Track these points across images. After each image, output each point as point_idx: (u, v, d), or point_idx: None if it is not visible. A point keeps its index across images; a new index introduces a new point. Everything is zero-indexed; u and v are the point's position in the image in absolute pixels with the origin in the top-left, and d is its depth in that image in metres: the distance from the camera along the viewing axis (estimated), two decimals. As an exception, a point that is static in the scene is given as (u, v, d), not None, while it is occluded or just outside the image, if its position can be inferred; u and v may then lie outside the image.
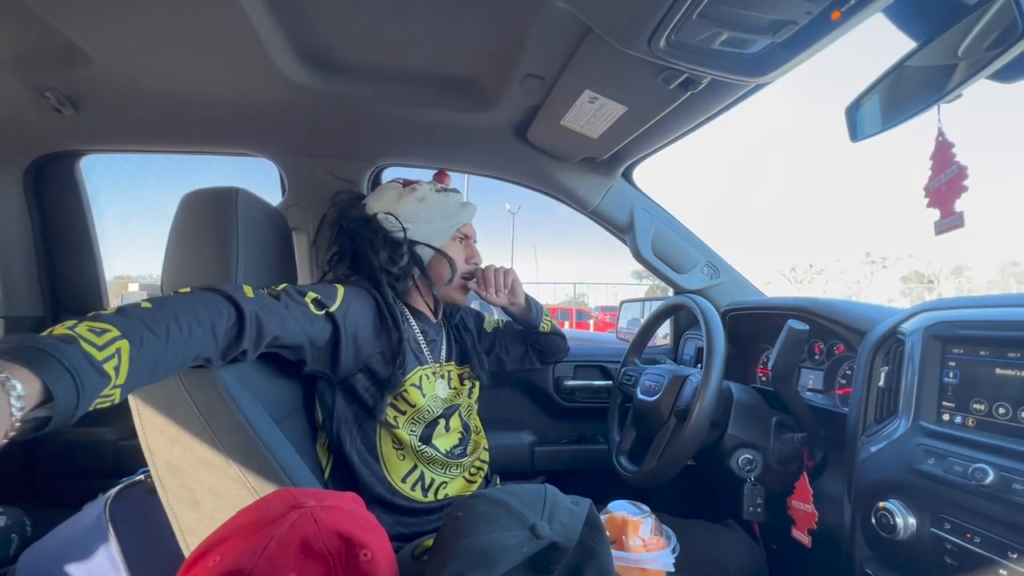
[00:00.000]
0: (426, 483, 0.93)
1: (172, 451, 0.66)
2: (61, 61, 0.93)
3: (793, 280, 28.66)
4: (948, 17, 0.60)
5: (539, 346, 1.22)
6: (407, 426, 0.93)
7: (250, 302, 0.68)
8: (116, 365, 0.49)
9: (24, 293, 1.32)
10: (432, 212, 1.00)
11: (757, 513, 0.90)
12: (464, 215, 1.04)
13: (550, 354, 1.23)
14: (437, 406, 0.96)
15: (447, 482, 0.95)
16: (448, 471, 0.96)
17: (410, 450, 0.92)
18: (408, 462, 0.92)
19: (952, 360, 0.69)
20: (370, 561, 0.48)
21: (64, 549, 0.83)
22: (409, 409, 0.93)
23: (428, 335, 1.01)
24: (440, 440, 0.97)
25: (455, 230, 1.02)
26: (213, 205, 0.80)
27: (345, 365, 0.86)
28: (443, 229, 1.01)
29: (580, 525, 0.53)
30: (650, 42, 0.71)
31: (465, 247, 1.06)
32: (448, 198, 1.02)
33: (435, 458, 0.94)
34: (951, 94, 0.63)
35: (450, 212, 1.02)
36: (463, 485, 0.98)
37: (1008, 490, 0.57)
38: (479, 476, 1.03)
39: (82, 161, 1.36)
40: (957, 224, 0.63)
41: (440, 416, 0.97)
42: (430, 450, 0.93)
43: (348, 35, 0.90)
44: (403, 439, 0.91)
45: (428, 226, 0.99)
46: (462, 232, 1.04)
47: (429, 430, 0.95)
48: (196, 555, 0.48)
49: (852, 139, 0.79)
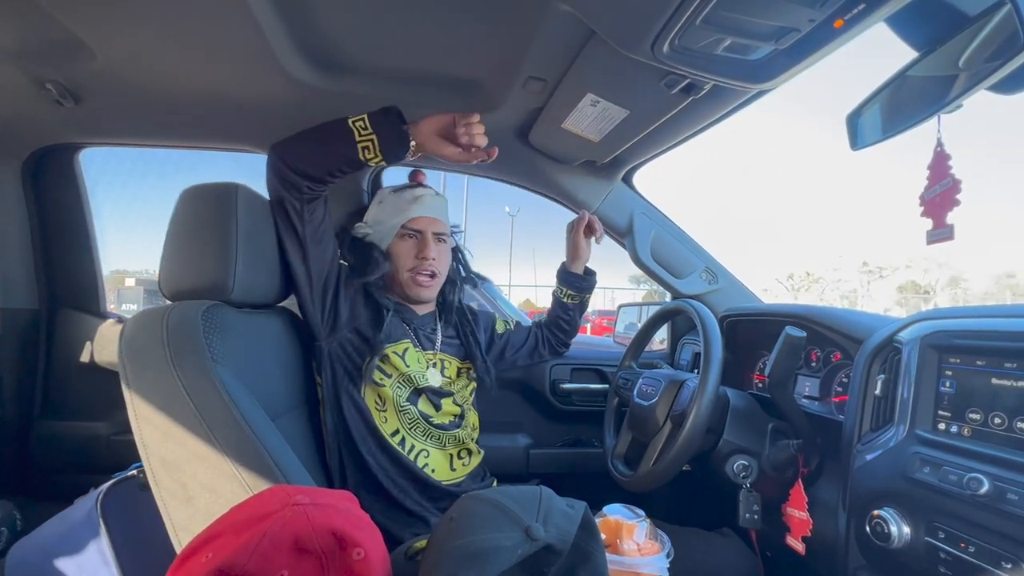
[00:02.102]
0: (407, 446, 0.96)
1: (166, 446, 0.66)
2: (64, 54, 0.93)
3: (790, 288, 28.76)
4: (950, 27, 0.61)
5: (566, 324, 1.27)
6: (394, 387, 0.97)
7: None
8: None
9: (20, 285, 1.31)
10: (385, 212, 1.04)
11: (753, 520, 0.90)
12: (415, 209, 1.03)
13: (570, 335, 1.29)
14: (422, 380, 1.00)
15: (428, 451, 0.98)
16: (429, 439, 0.99)
17: (392, 408, 0.96)
18: (391, 424, 0.96)
19: (948, 369, 0.70)
20: (363, 560, 0.47)
21: (54, 544, 0.83)
22: (394, 372, 0.97)
23: (413, 324, 1.05)
24: (426, 407, 1.00)
25: (400, 227, 1.03)
26: (213, 200, 0.80)
27: (342, 317, 0.97)
28: (391, 228, 1.03)
29: (575, 528, 0.53)
30: (653, 47, 0.71)
31: (417, 243, 1.03)
32: (402, 195, 1.04)
33: (417, 421, 0.98)
34: (951, 104, 0.63)
35: (399, 210, 1.03)
36: (446, 467, 1.00)
37: (1002, 500, 0.57)
38: (464, 468, 1.03)
39: (81, 154, 1.36)
40: (947, 237, 0.63)
41: (426, 390, 1.00)
42: (413, 409, 0.97)
43: (352, 34, 0.90)
44: (386, 396, 0.96)
45: (380, 226, 1.04)
46: (411, 227, 1.03)
47: (415, 397, 0.99)
48: (188, 551, 0.47)
49: (853, 147, 0.80)
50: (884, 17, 0.61)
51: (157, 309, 0.74)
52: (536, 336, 1.27)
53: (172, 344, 0.69)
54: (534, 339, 1.27)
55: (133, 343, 0.70)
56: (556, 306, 1.28)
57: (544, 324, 1.29)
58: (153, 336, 0.70)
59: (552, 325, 1.28)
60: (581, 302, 1.27)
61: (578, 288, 1.24)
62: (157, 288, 0.82)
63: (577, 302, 1.26)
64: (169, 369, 0.67)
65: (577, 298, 1.26)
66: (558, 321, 1.27)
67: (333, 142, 0.87)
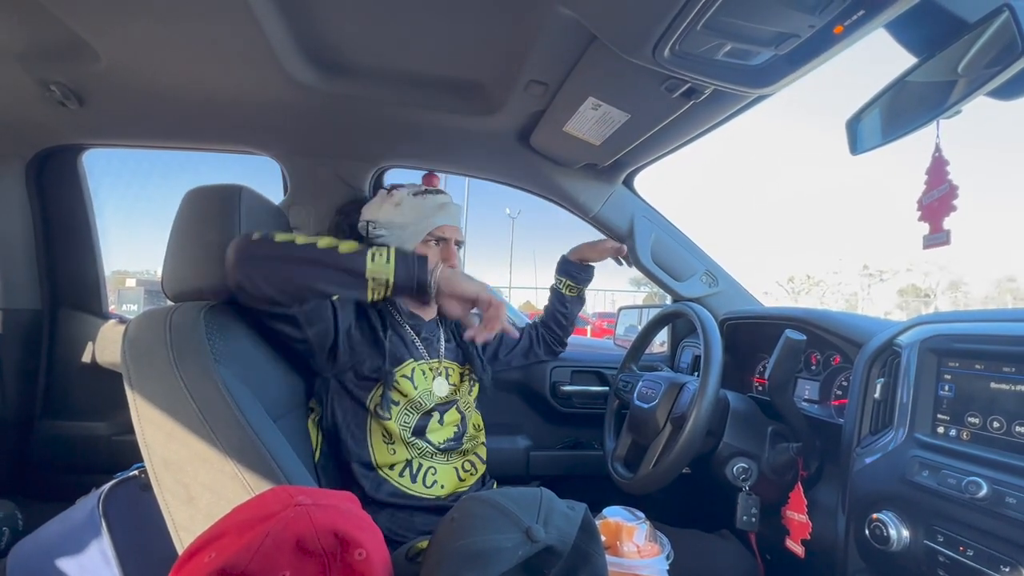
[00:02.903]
0: (414, 469, 0.94)
1: (169, 447, 0.66)
2: (68, 56, 0.94)
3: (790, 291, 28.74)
4: (949, 34, 0.61)
5: (564, 319, 1.27)
6: (400, 417, 0.94)
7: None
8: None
9: (23, 285, 1.32)
10: (406, 216, 1.00)
11: (751, 523, 0.90)
12: (441, 217, 1.01)
13: (567, 332, 1.29)
14: (430, 399, 0.98)
15: (436, 468, 0.97)
16: (436, 458, 0.98)
17: (400, 442, 0.94)
18: (399, 456, 0.94)
19: (948, 373, 0.70)
20: (365, 560, 0.47)
21: (56, 544, 0.83)
22: (402, 399, 0.95)
23: (422, 332, 1.02)
24: (434, 434, 0.98)
25: (427, 233, 1.00)
26: (216, 202, 0.81)
27: (342, 359, 0.91)
28: (414, 233, 1.00)
29: (575, 529, 0.53)
30: (654, 51, 0.71)
31: (442, 249, 1.02)
32: (425, 201, 1.01)
33: (426, 450, 0.96)
34: (951, 110, 0.64)
35: (424, 215, 1.00)
36: (454, 478, 0.99)
37: (1001, 504, 0.57)
38: (471, 476, 1.02)
39: (84, 155, 1.36)
40: (944, 242, 0.64)
41: (434, 409, 0.98)
42: (422, 443, 0.95)
43: (355, 37, 0.90)
44: (392, 431, 0.93)
45: (401, 231, 1.00)
46: (437, 234, 1.01)
47: (423, 422, 0.97)
48: (191, 551, 0.47)
49: (852, 152, 0.80)
50: (884, 24, 0.61)
51: (160, 310, 0.74)
52: (531, 336, 1.27)
53: (175, 345, 0.69)
54: (528, 339, 1.27)
55: (136, 343, 0.71)
56: (554, 299, 1.28)
57: (540, 323, 1.29)
58: (156, 337, 0.70)
59: (549, 321, 1.28)
60: (579, 295, 1.28)
61: (577, 279, 1.25)
62: (157, 289, 0.82)
63: (575, 295, 1.27)
64: (172, 370, 0.68)
65: (575, 290, 1.26)
66: (556, 316, 1.27)
67: (333, 281, 0.76)
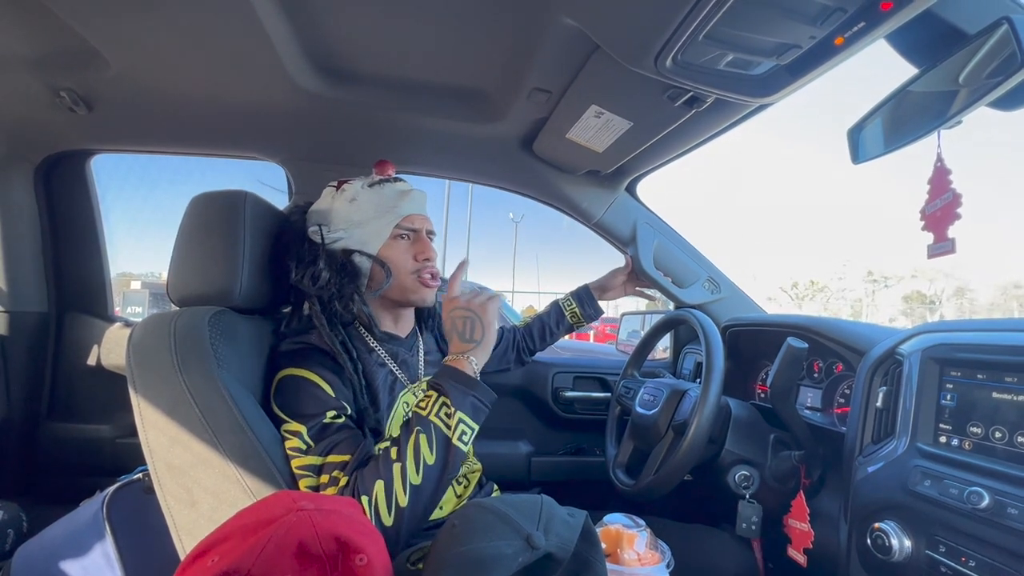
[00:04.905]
0: None
1: (172, 451, 0.67)
2: (78, 63, 0.95)
3: (794, 297, 28.63)
4: (949, 46, 0.62)
5: (548, 335, 1.26)
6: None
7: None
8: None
9: (30, 288, 1.33)
10: (364, 211, 0.86)
11: (751, 531, 0.90)
12: (406, 206, 0.88)
13: (542, 346, 1.28)
14: None
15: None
16: None
17: None
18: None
19: (950, 383, 0.70)
20: (366, 566, 0.48)
21: (60, 546, 0.83)
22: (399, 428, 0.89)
23: (399, 356, 0.91)
24: None
25: (393, 227, 0.86)
26: (221, 208, 0.81)
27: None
28: (378, 229, 0.86)
29: (576, 536, 0.53)
30: (656, 61, 0.72)
31: (415, 242, 0.89)
32: (383, 190, 0.87)
33: None
34: (951, 120, 0.64)
35: (385, 207, 0.87)
36: (451, 496, 0.95)
37: (1003, 514, 0.57)
38: (467, 489, 0.98)
39: (92, 160, 1.38)
40: (948, 250, 0.64)
41: None
42: None
43: (360, 44, 0.91)
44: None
45: (361, 229, 0.86)
46: (405, 226, 0.88)
47: None
48: (195, 554, 0.48)
49: (854, 161, 0.80)
50: (884, 35, 0.62)
51: (165, 314, 0.75)
52: (508, 340, 1.25)
53: (179, 350, 0.70)
54: (505, 343, 1.24)
55: (141, 348, 0.71)
56: (553, 313, 1.28)
57: (523, 328, 1.28)
58: (160, 341, 0.71)
59: (534, 330, 1.27)
60: (576, 326, 1.28)
61: (584, 311, 1.26)
62: (162, 291, 0.82)
63: (574, 322, 1.28)
64: (176, 374, 0.68)
65: (577, 319, 1.27)
66: (543, 330, 1.27)
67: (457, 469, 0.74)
